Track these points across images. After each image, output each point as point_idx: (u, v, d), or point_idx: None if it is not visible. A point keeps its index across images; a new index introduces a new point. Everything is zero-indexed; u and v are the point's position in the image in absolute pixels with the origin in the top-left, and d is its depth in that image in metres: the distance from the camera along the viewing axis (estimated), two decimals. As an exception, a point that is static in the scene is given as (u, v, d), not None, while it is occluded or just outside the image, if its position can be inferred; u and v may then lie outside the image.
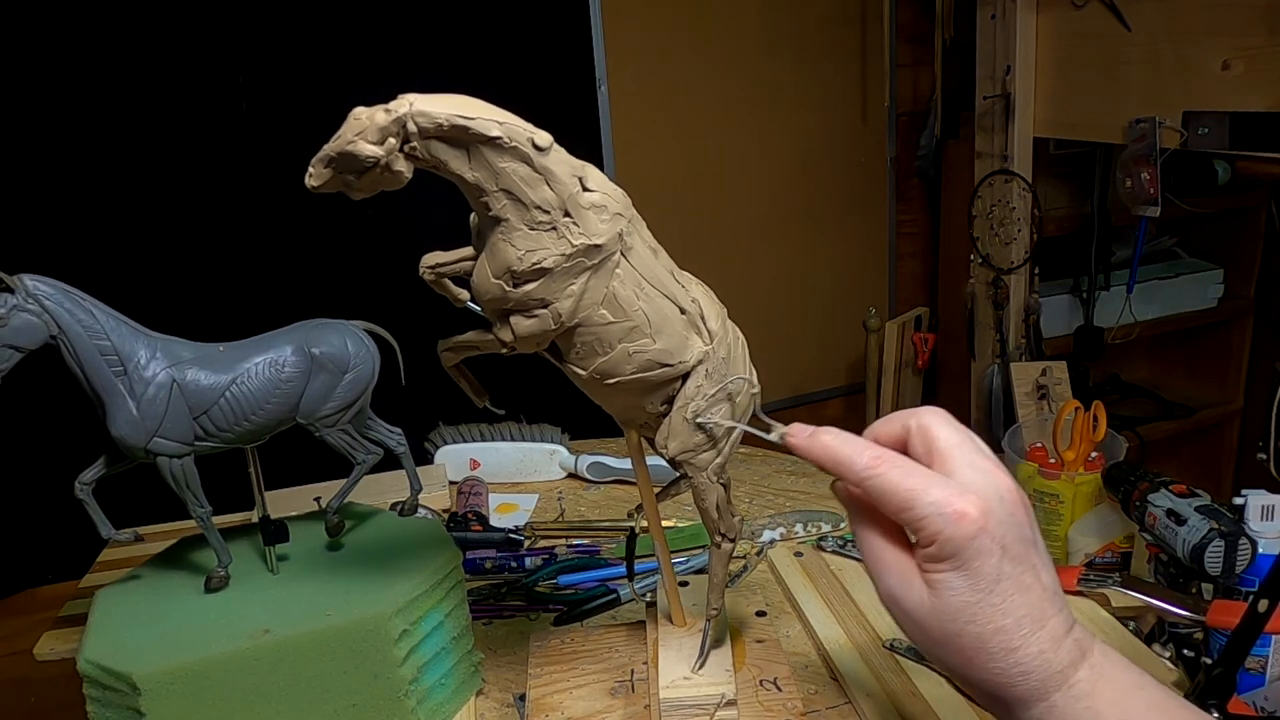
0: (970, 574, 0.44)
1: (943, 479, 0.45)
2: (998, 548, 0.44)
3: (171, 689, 0.61)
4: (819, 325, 2.43)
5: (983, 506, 0.44)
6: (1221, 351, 2.33)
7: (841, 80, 2.31)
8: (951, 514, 0.44)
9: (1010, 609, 0.44)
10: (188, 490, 0.66)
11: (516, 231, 0.53)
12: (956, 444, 0.47)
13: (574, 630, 0.82)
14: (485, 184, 0.52)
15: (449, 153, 0.51)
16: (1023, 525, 0.46)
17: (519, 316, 0.56)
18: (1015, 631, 0.44)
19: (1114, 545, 1.23)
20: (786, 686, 0.69)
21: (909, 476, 0.45)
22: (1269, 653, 0.86)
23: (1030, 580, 0.45)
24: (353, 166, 0.50)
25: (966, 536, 0.44)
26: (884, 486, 0.46)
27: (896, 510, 0.46)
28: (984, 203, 2.05)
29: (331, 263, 1.82)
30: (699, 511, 0.65)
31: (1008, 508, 0.45)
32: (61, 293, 0.61)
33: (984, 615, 0.44)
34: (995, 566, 0.44)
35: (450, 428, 1.20)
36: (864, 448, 0.47)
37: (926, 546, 0.45)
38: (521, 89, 1.88)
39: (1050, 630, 0.45)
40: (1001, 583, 0.44)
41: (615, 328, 0.56)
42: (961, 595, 0.44)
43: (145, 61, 1.63)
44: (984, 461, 0.47)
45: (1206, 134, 1.53)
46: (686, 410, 0.60)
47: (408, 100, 0.50)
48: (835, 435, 0.49)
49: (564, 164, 0.53)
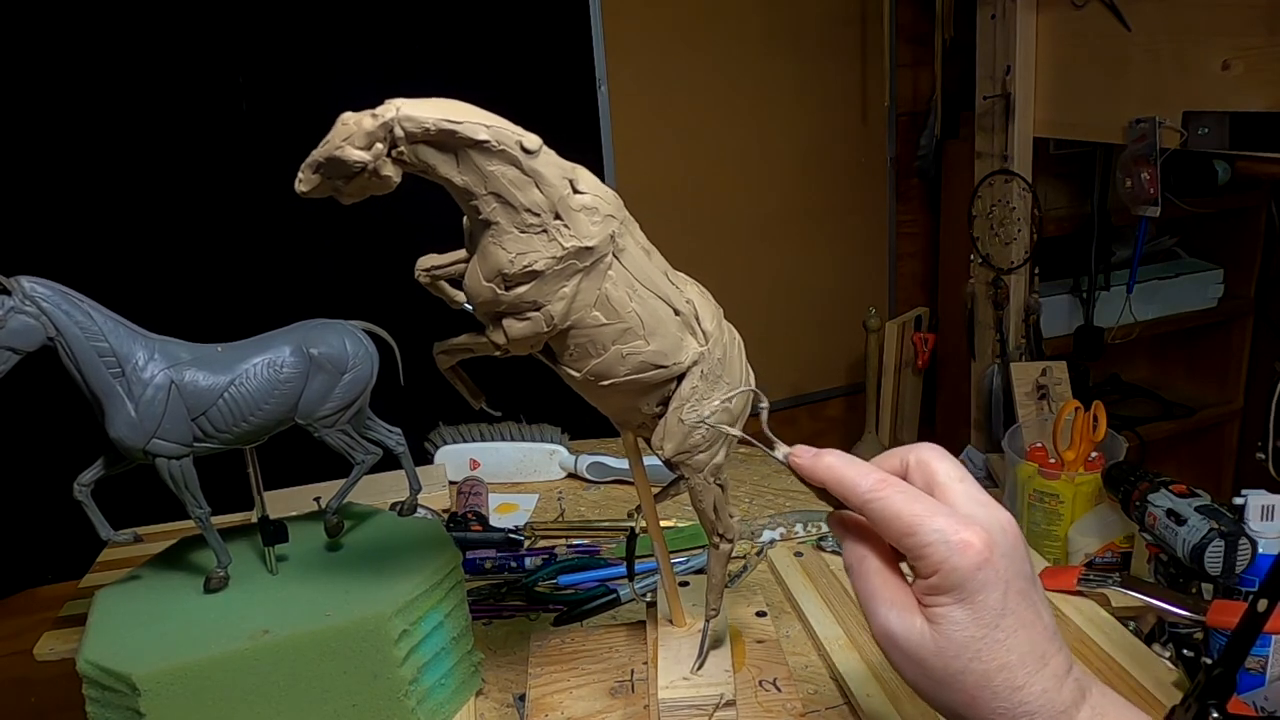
0: (974, 608, 0.43)
1: (947, 508, 0.45)
2: (1001, 582, 0.43)
3: (171, 689, 0.61)
4: (819, 325, 2.43)
5: (986, 539, 0.43)
6: (1221, 351, 2.33)
7: (841, 80, 2.31)
8: (957, 543, 0.43)
9: (1014, 645, 0.43)
10: (186, 491, 0.66)
11: (507, 234, 0.53)
12: (957, 478, 0.47)
13: (574, 630, 0.82)
14: (474, 187, 0.52)
15: (437, 157, 0.51)
16: (1024, 561, 0.45)
17: (511, 319, 0.56)
18: (1020, 669, 0.43)
19: (1114, 545, 1.23)
20: (786, 687, 0.69)
21: (914, 502, 0.45)
22: (1269, 653, 0.86)
23: (1032, 618, 0.44)
24: (341, 172, 0.50)
25: (971, 567, 0.43)
26: (888, 511, 0.45)
27: (899, 536, 0.45)
28: (984, 203, 2.05)
29: (330, 263, 1.82)
30: (696, 512, 0.65)
31: (1010, 541, 0.45)
32: (59, 294, 0.61)
33: (988, 652, 0.43)
34: (1000, 601, 0.43)
35: (450, 428, 1.20)
36: (868, 471, 0.47)
37: (928, 577, 0.44)
38: (521, 89, 1.88)
39: (1053, 669, 0.44)
40: (1006, 618, 0.43)
41: (608, 329, 0.56)
42: (965, 630, 0.43)
43: (145, 61, 1.63)
44: (984, 496, 0.46)
45: (1206, 134, 1.53)
46: (683, 412, 0.60)
47: (394, 105, 0.50)
48: (840, 457, 0.48)
49: (553, 166, 0.53)
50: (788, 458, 0.49)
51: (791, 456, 0.49)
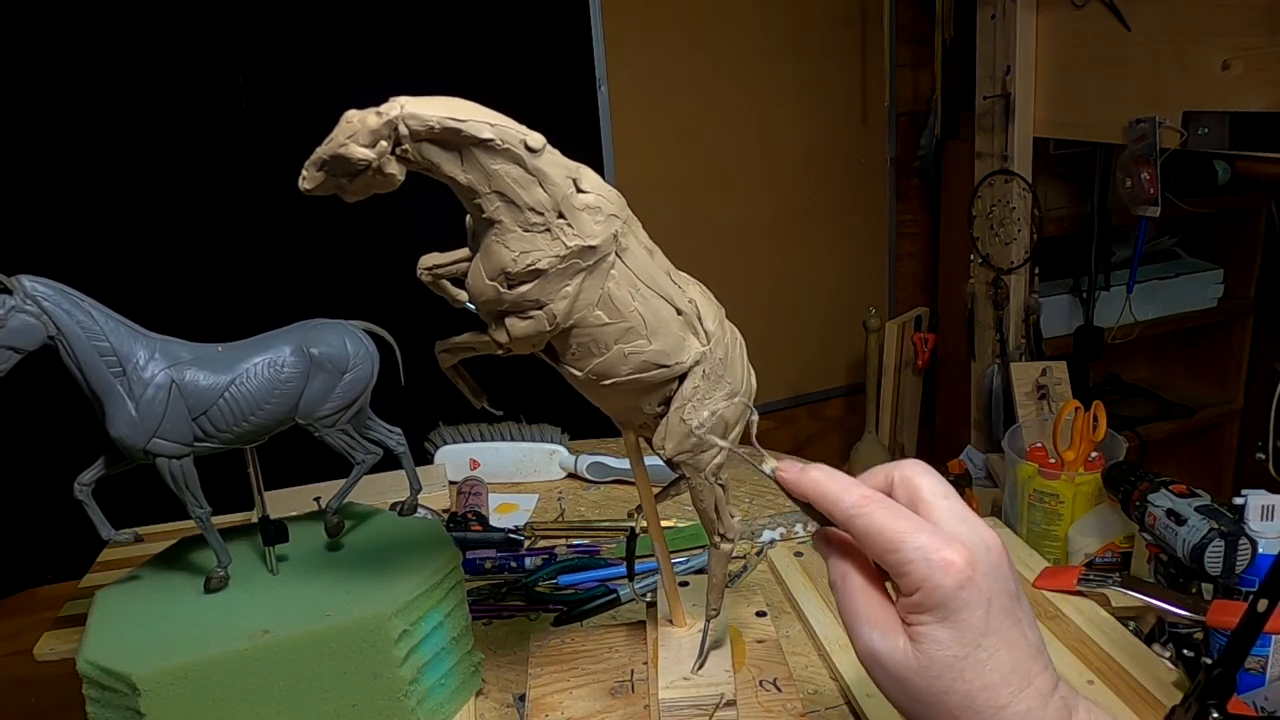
0: (956, 626, 0.43)
1: (931, 526, 0.44)
2: (984, 600, 0.43)
3: (171, 689, 0.61)
4: (819, 325, 2.43)
5: (969, 557, 0.43)
6: (1221, 351, 2.33)
7: (841, 80, 2.31)
8: (938, 561, 0.43)
9: (997, 665, 0.43)
10: (187, 491, 0.66)
11: (510, 233, 0.53)
12: (942, 494, 0.46)
13: (574, 630, 0.82)
14: (478, 186, 0.52)
15: (441, 155, 0.51)
16: (1008, 579, 0.45)
17: (514, 318, 0.56)
18: (1003, 689, 0.43)
19: (1114, 545, 1.23)
20: (786, 687, 0.69)
21: (896, 519, 0.44)
22: (1269, 653, 0.86)
23: (1016, 636, 0.44)
24: (345, 169, 0.50)
25: (953, 586, 0.42)
26: (871, 526, 0.45)
27: (882, 552, 0.44)
28: (984, 203, 2.05)
29: (331, 263, 1.82)
30: (697, 512, 0.65)
31: (994, 559, 0.44)
32: (60, 294, 0.61)
33: (971, 671, 0.43)
34: (982, 620, 0.43)
35: (450, 428, 1.20)
36: (852, 485, 0.47)
37: (911, 594, 0.44)
38: (521, 89, 1.88)
39: (1037, 688, 0.44)
40: (989, 637, 0.43)
41: (611, 329, 0.56)
42: (947, 650, 0.43)
43: (145, 61, 1.63)
44: (968, 513, 0.46)
45: (1206, 134, 1.53)
46: (684, 412, 0.60)
47: (399, 103, 0.50)
48: (825, 472, 0.48)
49: (557, 165, 0.53)
50: (774, 472, 0.50)
51: (778, 471, 0.49)
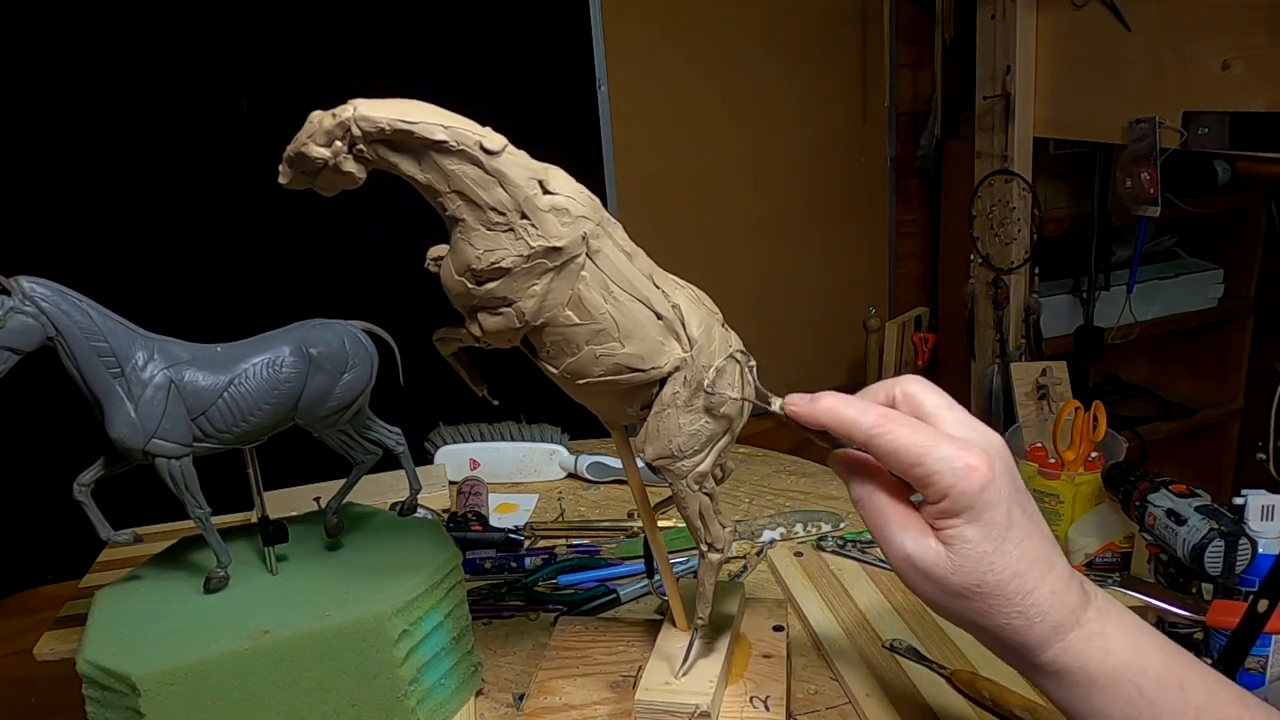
0: (984, 525, 0.46)
1: (948, 435, 0.47)
2: (1005, 498, 0.46)
3: (171, 689, 0.61)
4: (819, 325, 2.43)
5: (988, 460, 0.46)
6: (1221, 351, 2.33)
7: (841, 80, 2.31)
8: (962, 467, 0.45)
9: (1023, 554, 0.46)
10: (186, 491, 0.66)
11: (474, 231, 0.53)
12: (945, 406, 0.49)
13: (598, 620, 0.81)
14: (437, 185, 0.53)
15: (397, 156, 0.52)
16: (1017, 476, 0.48)
17: (485, 314, 0.57)
18: (1030, 574, 0.46)
19: (1114, 545, 1.23)
20: (776, 706, 0.67)
21: (917, 434, 0.47)
22: (1269, 653, 0.86)
23: (1033, 528, 0.47)
24: (306, 167, 0.52)
25: (977, 489, 0.46)
26: (894, 444, 0.47)
27: (907, 467, 0.47)
28: (984, 203, 2.05)
29: (330, 262, 1.82)
30: (684, 520, 0.65)
31: (1006, 460, 0.48)
32: (58, 294, 0.61)
33: (1000, 563, 0.46)
34: (1005, 516, 0.46)
35: (450, 428, 1.20)
36: (868, 408, 0.49)
37: (938, 502, 0.46)
38: (522, 90, 1.88)
39: (1058, 572, 0.47)
40: (1012, 530, 0.46)
41: (581, 330, 0.56)
42: (979, 546, 0.46)
43: (145, 61, 1.63)
44: (973, 420, 0.49)
45: (1206, 134, 1.53)
46: (663, 417, 0.59)
47: (353, 104, 0.51)
48: (837, 398, 0.50)
49: (519, 167, 0.53)
50: (784, 408, 0.51)
51: (787, 405, 0.51)
